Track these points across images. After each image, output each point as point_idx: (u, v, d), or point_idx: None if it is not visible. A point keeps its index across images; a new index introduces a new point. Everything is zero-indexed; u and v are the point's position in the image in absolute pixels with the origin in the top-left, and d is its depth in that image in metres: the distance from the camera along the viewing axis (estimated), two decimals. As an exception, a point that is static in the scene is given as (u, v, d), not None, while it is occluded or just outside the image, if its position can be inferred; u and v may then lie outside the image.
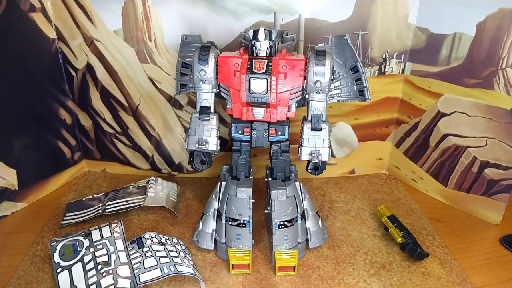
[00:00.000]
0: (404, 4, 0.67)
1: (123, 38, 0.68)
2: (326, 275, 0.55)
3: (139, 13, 0.65)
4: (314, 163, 0.53)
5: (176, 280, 0.53)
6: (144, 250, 0.53)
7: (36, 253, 0.57)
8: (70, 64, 0.70)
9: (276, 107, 0.52)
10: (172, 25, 0.66)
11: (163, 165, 0.78)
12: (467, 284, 0.54)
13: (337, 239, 0.62)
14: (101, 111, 0.74)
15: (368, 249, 0.60)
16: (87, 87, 0.72)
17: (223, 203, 0.56)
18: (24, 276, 0.53)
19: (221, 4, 0.65)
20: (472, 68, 0.63)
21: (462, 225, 0.67)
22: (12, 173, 0.66)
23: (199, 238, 0.58)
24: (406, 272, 0.56)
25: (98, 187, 0.75)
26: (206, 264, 0.56)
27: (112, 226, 0.58)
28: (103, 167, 0.80)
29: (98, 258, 0.51)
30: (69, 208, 0.67)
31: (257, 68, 0.50)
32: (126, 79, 0.71)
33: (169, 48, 0.68)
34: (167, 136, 0.76)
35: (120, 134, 0.76)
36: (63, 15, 0.66)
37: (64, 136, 0.75)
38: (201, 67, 0.51)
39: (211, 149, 0.53)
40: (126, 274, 0.49)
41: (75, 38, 0.68)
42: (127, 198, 0.67)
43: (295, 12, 0.66)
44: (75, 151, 0.77)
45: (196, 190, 0.75)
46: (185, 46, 0.54)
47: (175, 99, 0.72)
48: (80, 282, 0.49)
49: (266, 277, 0.54)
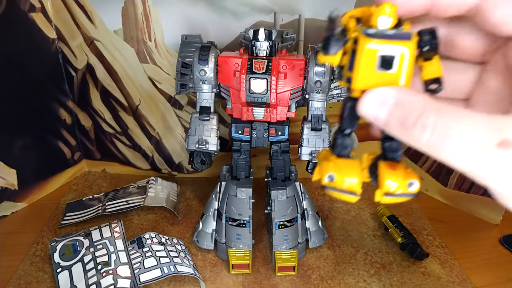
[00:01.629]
0: (404, 4, 0.66)
1: (123, 38, 0.68)
2: (326, 275, 0.55)
3: (139, 13, 0.65)
4: (314, 163, 0.53)
5: (176, 280, 0.53)
6: (144, 250, 0.53)
7: (36, 253, 0.57)
8: (70, 64, 0.70)
9: (276, 107, 0.52)
10: (172, 25, 0.66)
11: (163, 165, 0.78)
12: (467, 284, 0.54)
13: (337, 239, 0.62)
14: (101, 111, 0.74)
15: (368, 249, 0.60)
16: (87, 87, 0.72)
17: (223, 203, 0.56)
18: (24, 276, 0.53)
19: (221, 4, 0.65)
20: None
21: (462, 225, 0.67)
22: (12, 173, 0.66)
23: (199, 238, 0.58)
24: (406, 272, 0.56)
25: (98, 187, 0.75)
26: (206, 264, 0.56)
27: (112, 226, 0.58)
28: (103, 167, 0.80)
29: (98, 258, 0.51)
30: (69, 208, 0.67)
31: (257, 68, 0.50)
32: (126, 79, 0.71)
33: (169, 48, 0.68)
34: (167, 136, 0.76)
35: (120, 134, 0.76)
36: (63, 15, 0.66)
37: (64, 136, 0.74)
38: (201, 67, 0.51)
39: (211, 149, 0.53)
40: (126, 274, 0.49)
41: (75, 38, 0.68)
42: (127, 198, 0.67)
43: (295, 12, 0.66)
44: (75, 151, 0.77)
45: (196, 190, 0.75)
46: (185, 46, 0.54)
47: (175, 99, 0.72)
48: (80, 282, 0.49)
49: (266, 277, 0.54)
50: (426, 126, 0.21)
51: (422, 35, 0.24)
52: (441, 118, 0.21)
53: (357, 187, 0.25)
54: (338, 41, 0.24)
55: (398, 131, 0.23)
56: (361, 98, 0.24)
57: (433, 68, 0.25)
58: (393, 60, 0.23)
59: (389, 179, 0.25)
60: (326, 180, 0.25)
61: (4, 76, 0.62)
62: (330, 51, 0.24)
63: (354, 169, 0.25)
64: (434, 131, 0.21)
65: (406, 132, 0.22)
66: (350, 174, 0.25)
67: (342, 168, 0.25)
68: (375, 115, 0.23)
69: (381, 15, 0.23)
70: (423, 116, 0.21)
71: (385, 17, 0.24)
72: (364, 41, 0.23)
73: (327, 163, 0.26)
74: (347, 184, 0.25)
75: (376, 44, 0.23)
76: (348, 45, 0.25)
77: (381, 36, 0.23)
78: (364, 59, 0.23)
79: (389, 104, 0.23)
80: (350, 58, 0.25)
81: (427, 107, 0.21)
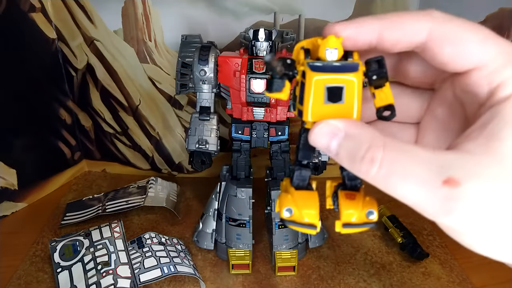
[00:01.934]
0: (404, 3, 0.67)
1: (123, 38, 0.68)
2: (326, 275, 0.55)
3: (139, 13, 0.65)
4: (314, 163, 0.53)
5: (176, 280, 0.53)
6: (144, 250, 0.53)
7: (36, 253, 0.57)
8: (70, 64, 0.70)
9: (276, 107, 0.52)
10: (172, 25, 0.66)
11: (163, 165, 0.78)
12: (467, 284, 0.54)
13: (337, 239, 0.62)
14: (101, 111, 0.74)
15: (368, 249, 0.60)
16: (87, 87, 0.72)
17: (223, 203, 0.56)
18: (24, 276, 0.53)
19: (221, 4, 0.65)
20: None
21: (462, 225, 0.66)
22: (12, 173, 0.66)
23: (199, 238, 0.58)
24: (406, 272, 0.56)
25: (98, 187, 0.75)
26: (206, 264, 0.56)
27: (112, 226, 0.58)
28: (103, 167, 0.80)
29: (98, 258, 0.51)
30: (69, 208, 0.67)
31: (257, 68, 0.50)
32: (126, 79, 0.71)
33: (169, 48, 0.68)
34: (167, 136, 0.76)
35: (120, 134, 0.76)
36: (63, 15, 0.66)
37: (64, 136, 0.74)
38: (201, 67, 0.51)
39: (211, 149, 0.53)
40: (126, 274, 0.49)
41: (75, 38, 0.68)
42: (127, 198, 0.67)
43: (295, 12, 0.66)
44: (75, 151, 0.77)
45: (196, 190, 0.74)
46: (185, 46, 0.54)
47: (175, 99, 0.72)
48: (80, 282, 0.49)
49: (266, 277, 0.54)
50: (374, 161, 0.21)
51: (369, 65, 0.24)
52: (388, 153, 0.21)
53: (315, 220, 0.25)
54: (281, 80, 0.25)
55: (348, 163, 0.23)
56: (312, 129, 0.24)
57: (384, 95, 0.25)
58: (341, 92, 0.23)
59: (347, 210, 0.25)
60: (284, 215, 0.25)
61: (4, 76, 0.62)
62: (273, 91, 0.25)
63: (312, 202, 0.26)
64: (381, 166, 0.21)
65: (355, 164, 0.22)
66: (308, 207, 0.25)
67: (300, 201, 0.25)
68: (326, 146, 0.24)
69: (327, 48, 0.24)
70: (370, 151, 0.22)
71: (331, 49, 0.24)
72: (310, 75, 0.23)
73: (285, 196, 0.26)
74: (305, 217, 0.25)
75: (322, 77, 0.23)
76: (297, 77, 0.25)
77: (328, 69, 0.23)
78: (312, 92, 0.24)
79: (340, 137, 0.23)
80: (300, 91, 0.25)
81: (375, 141, 0.22)
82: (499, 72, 0.23)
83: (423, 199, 0.21)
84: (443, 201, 0.20)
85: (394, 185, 0.21)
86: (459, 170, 0.20)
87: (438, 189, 0.20)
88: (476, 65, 0.23)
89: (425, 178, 0.20)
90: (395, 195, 0.22)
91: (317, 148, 0.24)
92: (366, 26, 0.24)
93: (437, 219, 0.21)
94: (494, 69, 0.23)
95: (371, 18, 0.25)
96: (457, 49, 0.23)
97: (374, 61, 0.24)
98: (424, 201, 0.21)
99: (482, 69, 0.23)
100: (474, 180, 0.20)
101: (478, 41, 0.23)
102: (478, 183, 0.20)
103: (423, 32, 0.24)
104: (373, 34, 0.25)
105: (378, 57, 0.24)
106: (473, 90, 0.24)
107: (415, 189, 0.21)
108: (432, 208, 0.21)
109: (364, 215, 0.25)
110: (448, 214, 0.20)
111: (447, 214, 0.20)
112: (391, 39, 0.25)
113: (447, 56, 0.24)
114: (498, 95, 0.22)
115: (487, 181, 0.20)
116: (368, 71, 0.24)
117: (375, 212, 0.25)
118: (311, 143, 0.24)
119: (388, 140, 0.22)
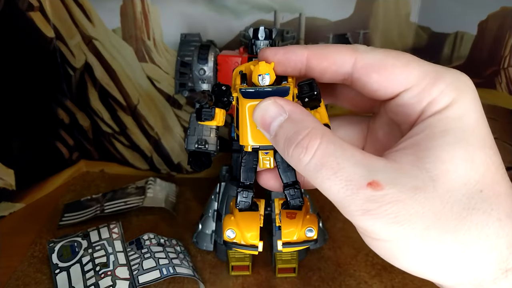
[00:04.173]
0: (406, 2, 0.66)
1: (122, 37, 0.67)
2: (327, 276, 0.54)
3: (138, 11, 0.65)
4: None
5: (175, 281, 0.52)
6: (143, 251, 0.53)
7: (34, 254, 0.57)
8: (68, 63, 0.69)
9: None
10: (171, 24, 0.66)
11: (162, 165, 0.78)
12: (469, 285, 0.53)
13: (338, 240, 0.61)
14: (99, 111, 0.73)
15: (369, 250, 0.59)
16: (85, 86, 0.71)
17: (222, 204, 0.55)
18: (22, 277, 0.53)
19: (220, 3, 0.64)
20: (474, 67, 0.63)
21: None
22: (10, 173, 0.65)
23: (198, 239, 0.58)
24: (407, 273, 0.55)
25: (97, 188, 0.74)
26: (206, 265, 0.56)
27: (110, 227, 0.57)
28: (101, 167, 0.79)
29: (96, 259, 0.51)
30: (67, 208, 0.67)
31: (257, 67, 0.49)
32: (124, 78, 0.70)
33: (168, 47, 0.67)
34: (166, 136, 0.75)
35: (119, 134, 0.75)
36: (61, 14, 0.66)
37: (62, 136, 0.74)
38: (201, 66, 0.50)
39: (210, 149, 0.52)
40: (124, 275, 0.49)
41: (73, 37, 0.67)
42: (126, 198, 0.67)
43: (295, 10, 0.65)
44: (73, 151, 0.77)
45: (195, 190, 0.74)
46: (184, 45, 0.54)
47: (174, 98, 0.72)
48: (78, 284, 0.48)
49: (266, 278, 0.54)
50: (308, 148, 0.22)
51: (301, 88, 0.25)
52: (324, 144, 0.22)
53: (256, 241, 0.26)
54: (210, 109, 0.26)
55: (283, 147, 0.23)
56: (258, 104, 0.24)
57: (320, 116, 0.26)
58: None
59: (287, 229, 0.26)
60: (227, 236, 0.26)
61: (1, 75, 0.61)
62: (203, 120, 0.26)
63: (253, 223, 0.26)
64: (315, 156, 0.22)
65: (289, 148, 0.23)
66: (249, 229, 0.26)
67: (242, 222, 0.26)
68: (267, 124, 0.24)
69: (259, 73, 0.25)
70: (307, 137, 0.22)
71: (263, 74, 0.25)
72: (242, 102, 0.24)
73: (229, 218, 0.27)
74: (247, 239, 0.26)
75: (254, 103, 0.24)
76: (233, 102, 0.26)
77: (259, 95, 0.24)
78: (245, 118, 0.24)
79: (282, 118, 0.23)
80: (236, 117, 0.26)
81: (314, 130, 0.22)
82: (428, 91, 0.23)
83: (346, 196, 0.21)
84: (363, 201, 0.21)
85: (322, 178, 0.22)
86: (383, 175, 0.21)
87: (362, 189, 0.21)
88: (404, 87, 0.24)
89: (353, 176, 0.21)
90: (320, 188, 0.22)
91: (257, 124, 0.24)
92: (294, 53, 0.26)
93: (354, 218, 0.22)
94: (422, 89, 0.23)
95: (300, 46, 0.26)
96: (383, 76, 0.24)
97: (305, 84, 0.25)
98: (346, 198, 0.21)
99: (411, 90, 0.24)
100: (396, 187, 0.21)
101: (402, 65, 0.24)
102: (398, 190, 0.21)
103: (348, 62, 0.25)
104: (301, 61, 0.26)
105: (309, 79, 0.25)
106: (405, 111, 0.24)
107: (341, 185, 0.21)
108: (352, 206, 0.21)
109: (304, 234, 0.26)
110: (364, 214, 0.21)
111: (363, 213, 0.21)
112: (319, 68, 0.26)
113: (376, 84, 0.25)
114: (429, 112, 0.23)
115: (408, 190, 0.21)
116: (300, 93, 0.25)
117: (314, 230, 0.26)
118: (254, 118, 0.24)
119: (327, 133, 0.22)
